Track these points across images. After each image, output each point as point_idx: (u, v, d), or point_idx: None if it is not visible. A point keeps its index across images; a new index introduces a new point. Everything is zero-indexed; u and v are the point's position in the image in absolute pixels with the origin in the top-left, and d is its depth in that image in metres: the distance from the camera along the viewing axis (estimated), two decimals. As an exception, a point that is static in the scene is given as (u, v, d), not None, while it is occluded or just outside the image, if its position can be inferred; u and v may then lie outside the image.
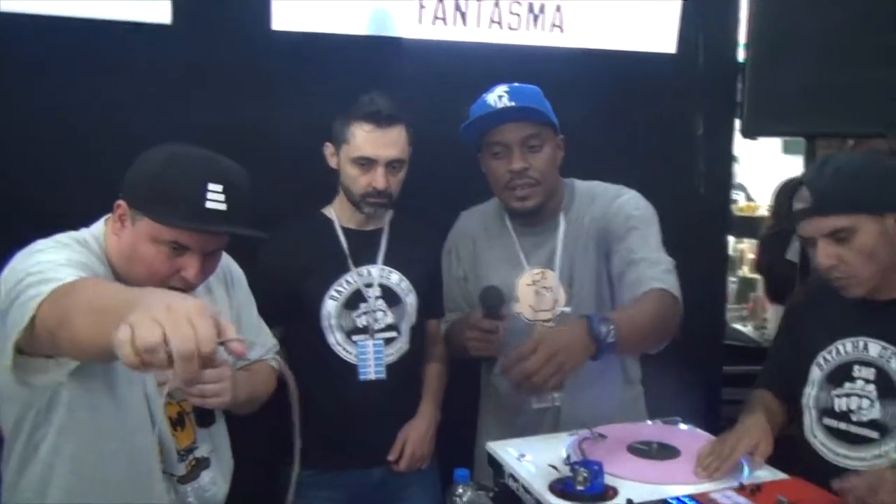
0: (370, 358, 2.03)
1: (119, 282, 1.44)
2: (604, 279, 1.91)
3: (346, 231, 2.07)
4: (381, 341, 2.04)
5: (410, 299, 2.08)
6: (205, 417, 1.61)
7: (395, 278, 2.08)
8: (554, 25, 2.39)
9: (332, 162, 2.06)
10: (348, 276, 2.04)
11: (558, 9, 2.38)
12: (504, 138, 1.85)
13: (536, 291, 1.93)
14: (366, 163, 1.97)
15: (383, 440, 2.07)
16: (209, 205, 1.41)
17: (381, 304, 2.05)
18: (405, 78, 2.27)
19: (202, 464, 1.61)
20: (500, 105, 1.83)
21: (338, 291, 2.03)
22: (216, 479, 1.64)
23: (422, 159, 2.07)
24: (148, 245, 1.43)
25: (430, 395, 2.16)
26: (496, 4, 2.32)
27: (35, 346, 1.23)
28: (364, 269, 2.05)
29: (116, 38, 2.10)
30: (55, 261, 1.31)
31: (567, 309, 1.91)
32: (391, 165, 1.98)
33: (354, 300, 2.03)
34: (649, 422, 1.78)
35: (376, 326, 2.04)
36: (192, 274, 1.45)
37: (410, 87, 2.20)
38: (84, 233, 1.51)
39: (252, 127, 2.25)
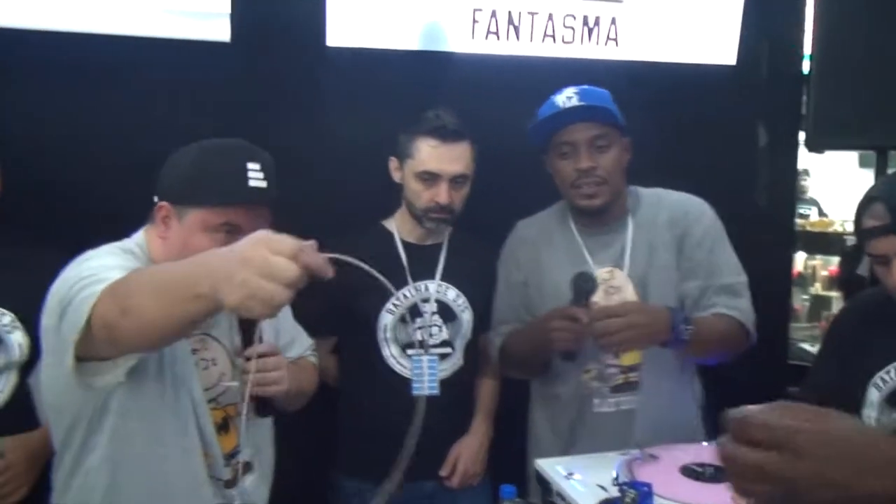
0: (424, 374, 2.02)
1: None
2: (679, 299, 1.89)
3: (406, 245, 2.08)
4: (435, 357, 2.04)
5: (466, 316, 2.08)
6: (265, 407, 1.59)
7: (451, 294, 2.08)
8: (609, 38, 2.36)
9: (396, 176, 2.07)
10: (405, 291, 2.04)
11: (613, 21, 2.35)
12: (572, 138, 1.85)
13: (605, 290, 1.89)
14: (429, 178, 1.98)
15: (435, 454, 2.06)
16: (252, 183, 1.47)
17: (436, 319, 2.05)
18: (459, 92, 2.27)
19: (246, 468, 1.63)
20: (568, 105, 1.83)
21: (395, 305, 2.03)
22: (258, 483, 1.65)
23: (476, 173, 2.06)
24: (200, 236, 1.48)
25: (482, 411, 2.15)
26: (550, 18, 2.30)
27: (91, 348, 1.27)
28: (422, 284, 2.06)
29: (176, 56, 2.16)
30: (106, 265, 1.36)
31: None
32: (455, 181, 1.99)
33: (411, 315, 2.04)
34: (705, 443, 1.72)
35: (431, 342, 2.04)
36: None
37: (464, 101, 2.20)
38: (128, 242, 1.55)
39: (307, 142, 2.29)
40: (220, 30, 2.18)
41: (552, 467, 1.59)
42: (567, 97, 1.85)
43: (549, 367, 1.96)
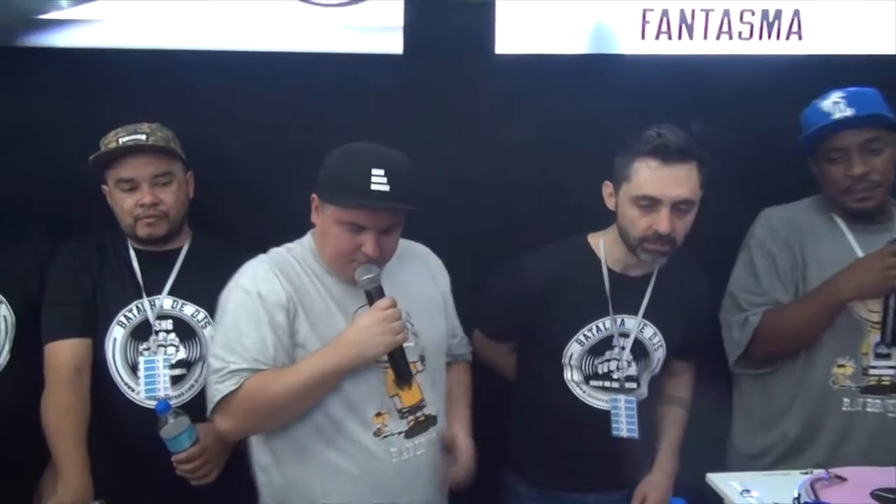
0: (622, 414, 1.95)
1: (321, 259, 1.75)
2: None
3: (612, 273, 1.94)
4: (632, 399, 1.95)
5: (659, 354, 1.99)
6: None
7: (649, 332, 1.96)
8: (792, 32, 2.22)
9: (610, 203, 1.91)
10: (600, 323, 1.94)
11: (796, 14, 2.21)
12: (843, 143, 1.82)
13: None
14: (649, 203, 1.79)
15: (609, 467, 1.99)
16: (374, 187, 1.62)
17: (628, 355, 1.96)
18: (630, 96, 2.24)
19: (430, 421, 1.79)
20: (837, 114, 1.81)
21: (585, 336, 1.94)
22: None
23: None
24: (334, 227, 1.68)
25: (668, 446, 2.04)
26: (726, 14, 2.21)
27: None
28: (620, 318, 1.94)
29: (353, 68, 2.27)
30: (242, 337, 1.66)
31: None
32: (678, 207, 1.79)
33: (602, 347, 1.95)
34: (901, 467, 1.59)
35: (617, 375, 1.96)
36: (371, 249, 1.66)
37: (636, 105, 2.18)
38: (295, 245, 1.80)
39: (478, 150, 2.34)
40: (393, 43, 2.27)
41: (726, 483, 1.55)
42: (834, 103, 1.82)
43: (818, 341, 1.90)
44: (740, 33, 2.22)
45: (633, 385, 1.96)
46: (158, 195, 1.94)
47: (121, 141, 1.92)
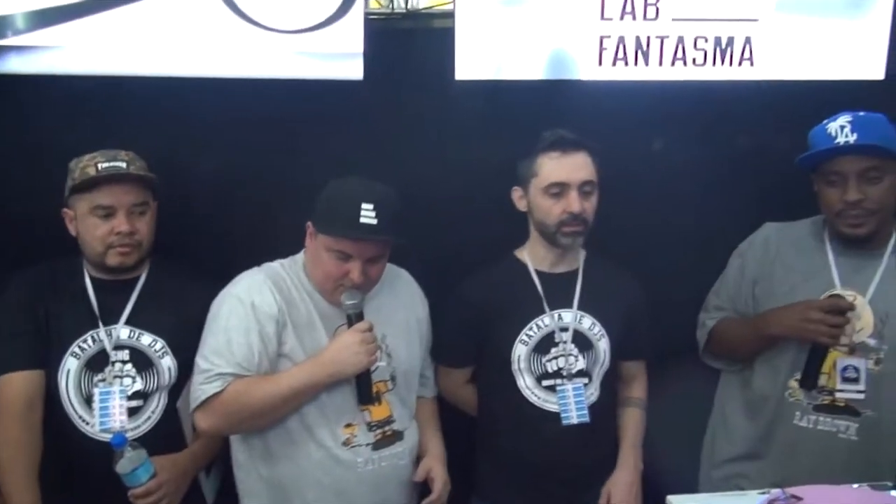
0: (571, 402, 2.01)
1: (309, 281, 1.88)
2: None
3: (541, 274, 2.08)
4: (580, 384, 2.02)
5: (602, 344, 2.05)
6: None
7: (587, 323, 2.05)
8: (744, 59, 2.28)
9: (521, 205, 2.08)
10: (540, 320, 2.03)
11: (748, 41, 2.27)
12: (841, 168, 1.84)
13: None
14: (558, 189, 1.98)
15: (585, 488, 2.05)
16: (363, 220, 1.75)
17: (572, 348, 2.03)
18: (588, 119, 2.25)
19: (396, 436, 1.92)
20: (841, 139, 1.83)
21: (528, 336, 2.03)
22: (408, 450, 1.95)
23: (612, 197, 2.08)
24: (324, 254, 1.81)
25: (628, 443, 2.10)
26: (680, 41, 2.25)
27: None
28: (556, 313, 2.05)
29: (313, 94, 2.26)
30: (231, 343, 1.77)
31: (871, 341, 1.87)
32: (583, 189, 1.98)
33: (545, 344, 2.02)
34: (855, 485, 1.61)
35: (569, 371, 2.02)
36: (357, 276, 1.79)
37: (593, 128, 2.20)
38: (286, 261, 1.93)
39: (437, 173, 2.36)
40: (353, 69, 2.27)
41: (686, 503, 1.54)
42: (840, 126, 1.84)
43: (752, 362, 1.96)
44: (694, 59, 2.26)
45: (585, 380, 2.03)
46: (135, 224, 1.92)
47: (101, 167, 1.89)
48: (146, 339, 1.94)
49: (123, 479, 1.81)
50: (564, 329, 2.04)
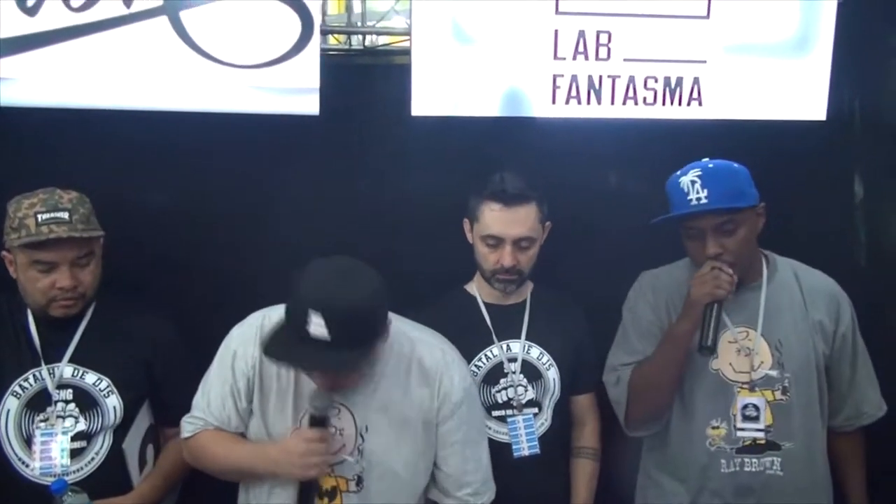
0: (521, 433, 2.02)
1: None
2: (820, 359, 1.93)
3: (489, 306, 2.09)
4: (530, 415, 2.02)
5: (552, 374, 2.06)
6: None
7: (535, 353, 2.06)
8: (692, 98, 2.34)
9: (470, 238, 2.10)
10: (488, 351, 2.04)
11: (696, 81, 2.33)
12: (697, 224, 1.87)
13: (738, 350, 1.91)
14: (494, 241, 2.00)
15: None
16: (312, 332, 1.48)
17: (521, 378, 2.03)
18: (542, 155, 2.31)
19: None
20: (693, 195, 1.84)
21: (477, 367, 2.03)
22: None
23: (561, 233, 2.10)
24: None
25: (580, 501, 2.08)
26: (631, 81, 2.30)
27: None
28: (504, 344, 2.05)
29: (270, 129, 2.26)
30: (210, 391, 1.74)
31: (773, 372, 1.89)
32: (518, 244, 1.99)
33: (495, 375, 2.03)
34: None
35: (519, 402, 2.02)
36: (321, 383, 1.61)
37: (546, 165, 2.24)
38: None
39: (394, 207, 2.37)
40: (309, 104, 2.26)
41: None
42: (692, 181, 1.84)
43: (671, 402, 1.94)
44: (645, 98, 2.31)
45: (535, 410, 2.03)
46: (78, 276, 1.84)
47: (40, 218, 1.79)
48: (90, 378, 1.88)
49: None
50: (513, 360, 2.05)
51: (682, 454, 1.95)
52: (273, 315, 1.68)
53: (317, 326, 1.47)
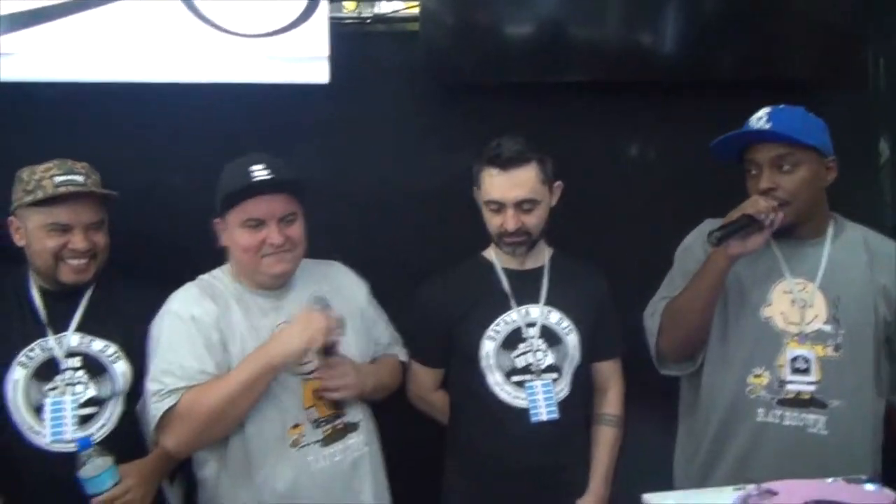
0: (540, 399, 1.98)
1: (240, 284, 1.86)
2: (880, 323, 1.86)
3: (507, 272, 2.06)
4: (549, 381, 1.99)
5: (571, 339, 2.03)
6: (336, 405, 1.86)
7: (555, 317, 2.03)
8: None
9: (481, 204, 2.06)
10: (507, 316, 2.02)
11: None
12: (755, 157, 1.84)
13: (793, 300, 1.86)
14: (496, 206, 1.97)
15: (555, 488, 2.00)
16: (255, 176, 1.76)
17: (541, 343, 2.01)
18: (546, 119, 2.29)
19: (349, 428, 1.87)
20: (755, 126, 1.83)
21: (495, 331, 2.01)
22: (366, 440, 1.90)
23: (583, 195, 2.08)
24: (238, 232, 1.79)
25: (598, 471, 2.05)
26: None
27: None
28: (523, 309, 2.03)
29: (279, 98, 2.24)
30: (179, 358, 1.74)
31: (827, 327, 1.83)
32: (521, 206, 1.96)
33: (513, 340, 2.00)
34: (829, 479, 1.56)
35: (536, 367, 2.00)
36: (274, 237, 1.77)
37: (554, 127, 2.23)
38: (215, 272, 1.89)
39: (405, 176, 2.36)
40: (319, 72, 2.24)
41: (662, 502, 1.50)
42: (758, 118, 1.84)
43: (702, 337, 1.90)
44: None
45: (555, 375, 2.00)
46: (92, 239, 1.86)
47: (57, 180, 1.82)
48: (98, 345, 1.87)
49: (86, 485, 1.73)
50: (531, 324, 2.02)
51: (714, 400, 1.90)
52: (203, 278, 1.88)
53: (260, 171, 1.76)
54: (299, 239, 1.83)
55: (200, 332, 1.75)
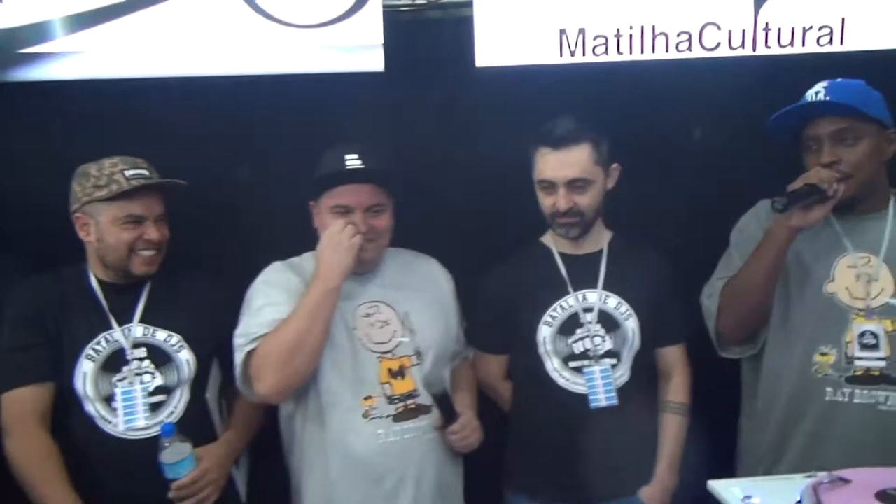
0: (599, 384, 1.97)
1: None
2: None
3: (564, 256, 2.05)
4: (607, 367, 1.98)
5: (630, 324, 2.00)
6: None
7: (613, 303, 2.01)
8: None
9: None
10: (564, 301, 2.01)
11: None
12: (815, 132, 1.81)
13: (857, 275, 1.81)
14: (548, 185, 1.97)
15: (616, 474, 1.98)
16: (349, 165, 1.85)
17: (598, 329, 1.99)
18: (612, 99, 2.24)
19: (422, 409, 1.91)
20: (813, 100, 1.81)
21: (552, 317, 1.99)
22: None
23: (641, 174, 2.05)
24: (328, 216, 1.88)
25: (665, 460, 2.02)
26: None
27: None
28: (581, 294, 2.01)
29: (335, 87, 2.25)
30: (263, 314, 1.82)
31: (894, 301, 1.78)
32: (572, 185, 1.95)
33: (570, 325, 1.99)
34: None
35: (595, 353, 1.98)
36: (359, 227, 1.83)
37: (614, 107, 2.19)
38: (306, 253, 1.97)
39: (462, 163, 2.34)
40: (374, 61, 2.24)
41: (727, 489, 1.47)
42: (815, 91, 1.82)
43: (763, 317, 1.86)
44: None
45: (614, 361, 1.98)
46: (162, 231, 1.93)
47: (128, 174, 1.88)
48: (161, 335, 1.92)
49: (165, 470, 1.79)
50: (589, 309, 1.99)
51: (778, 382, 1.85)
52: (291, 259, 1.97)
53: (353, 160, 1.85)
54: (383, 230, 1.90)
55: (286, 293, 1.84)
